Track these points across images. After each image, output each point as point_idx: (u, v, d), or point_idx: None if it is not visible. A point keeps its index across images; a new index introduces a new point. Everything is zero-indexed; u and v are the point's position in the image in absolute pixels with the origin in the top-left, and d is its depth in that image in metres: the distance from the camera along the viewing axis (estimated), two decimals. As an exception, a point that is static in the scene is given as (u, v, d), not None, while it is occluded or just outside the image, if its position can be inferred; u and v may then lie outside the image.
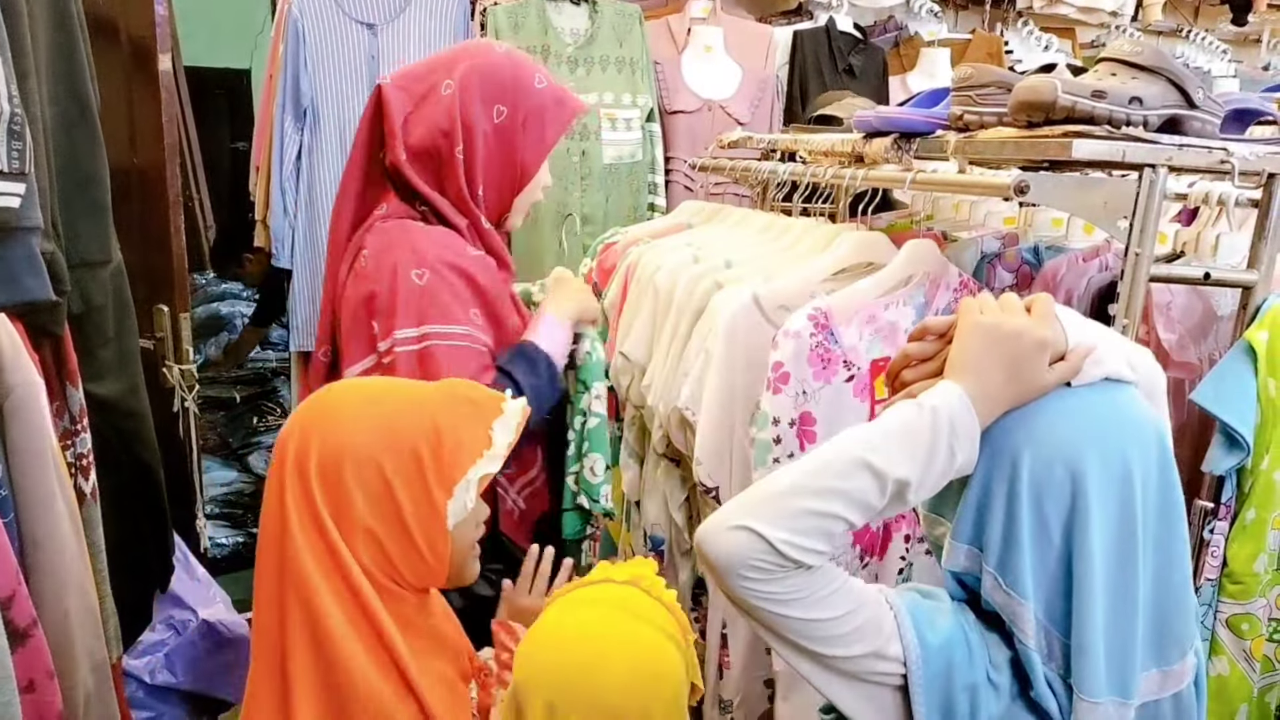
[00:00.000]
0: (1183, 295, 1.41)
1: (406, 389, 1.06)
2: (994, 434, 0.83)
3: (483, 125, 1.39)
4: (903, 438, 0.80)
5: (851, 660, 0.81)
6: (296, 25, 2.44)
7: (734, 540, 0.79)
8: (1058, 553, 0.81)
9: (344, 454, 0.96)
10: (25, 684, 1.15)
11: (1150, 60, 1.22)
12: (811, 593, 0.80)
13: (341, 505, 0.95)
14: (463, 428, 1.01)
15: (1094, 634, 0.80)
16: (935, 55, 3.14)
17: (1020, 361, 0.82)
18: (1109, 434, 0.83)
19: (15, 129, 1.00)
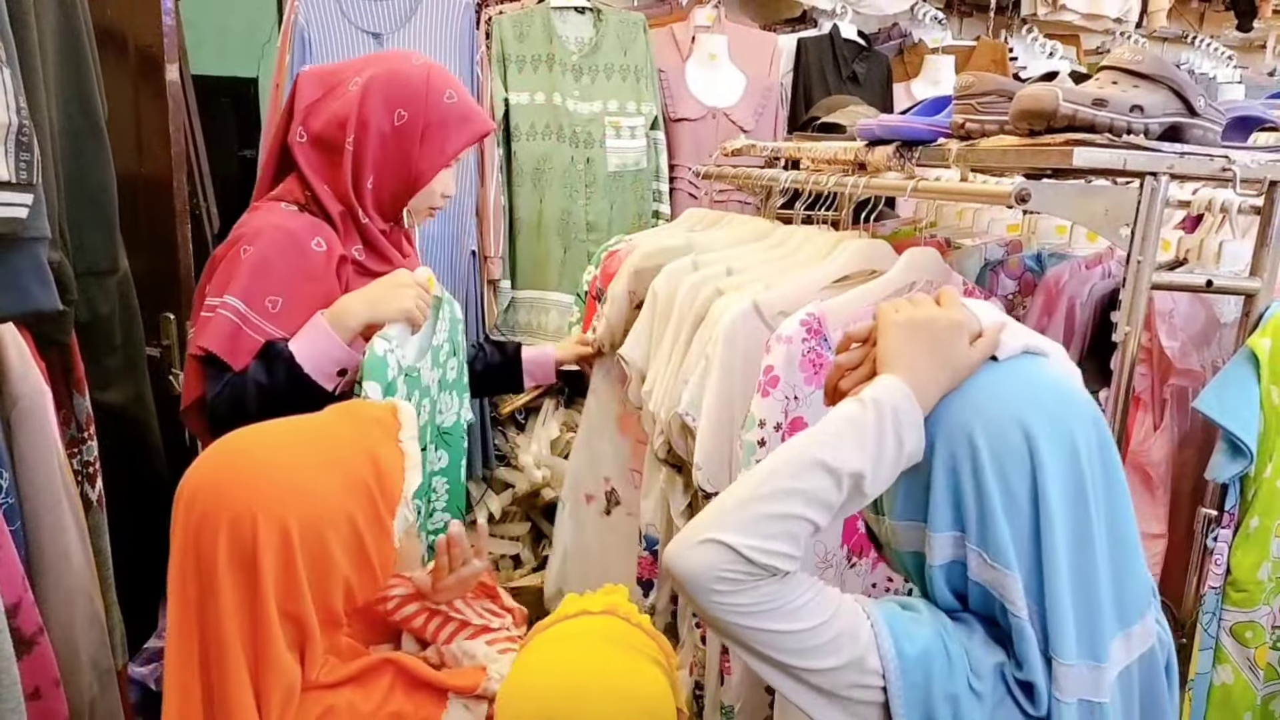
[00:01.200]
0: (1185, 303, 1.41)
1: (322, 428, 1.05)
2: (943, 419, 0.86)
3: (380, 124, 1.44)
4: (851, 432, 0.82)
5: (828, 674, 0.81)
6: (303, 34, 2.46)
7: (702, 554, 0.79)
8: (1026, 518, 0.83)
9: (324, 518, 0.95)
10: (31, 691, 1.16)
11: (1151, 68, 1.22)
12: (785, 602, 0.80)
13: (327, 569, 0.95)
14: (386, 450, 1.04)
15: (1063, 595, 0.82)
16: (940, 62, 3.15)
17: (942, 344, 0.86)
18: (1047, 396, 0.86)
19: (23, 140, 1.01)
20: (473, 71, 2.59)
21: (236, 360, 1.36)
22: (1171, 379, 1.42)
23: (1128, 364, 1.24)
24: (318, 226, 1.45)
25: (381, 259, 1.52)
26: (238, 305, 1.37)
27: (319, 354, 1.37)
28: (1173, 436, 1.44)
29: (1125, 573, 0.87)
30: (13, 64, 1.00)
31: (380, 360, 1.36)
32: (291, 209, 1.46)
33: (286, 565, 0.93)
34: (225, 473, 0.97)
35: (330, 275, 1.45)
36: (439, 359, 1.59)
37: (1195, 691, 1.33)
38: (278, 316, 1.39)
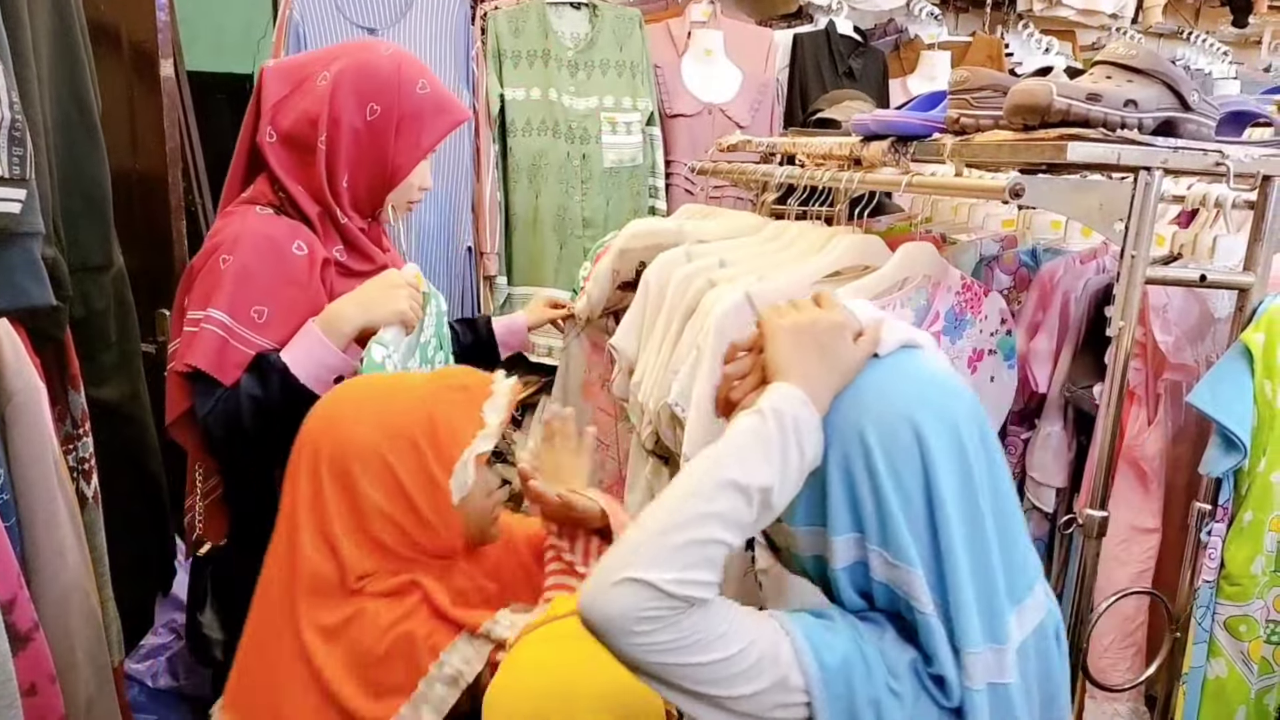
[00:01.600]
0: (1180, 297, 1.42)
1: (403, 385, 1.18)
2: (834, 422, 0.85)
3: (352, 120, 1.40)
4: (755, 446, 0.81)
5: (755, 698, 0.79)
6: (298, 29, 2.45)
7: (619, 596, 0.76)
8: (922, 513, 0.83)
9: (350, 452, 1.09)
10: (27, 687, 1.16)
11: (1145, 63, 1.22)
12: (707, 632, 0.78)
13: (355, 497, 1.08)
14: (455, 415, 1.12)
15: (964, 586, 0.82)
16: (935, 58, 3.15)
17: (827, 346, 0.86)
18: (930, 390, 0.87)
19: (16, 135, 1.01)
20: (468, 66, 2.59)
21: (226, 375, 1.32)
22: (1166, 373, 1.43)
23: (1122, 359, 1.25)
24: (296, 229, 1.41)
25: (363, 258, 1.49)
26: (222, 318, 1.34)
27: (314, 362, 1.34)
28: (1167, 431, 1.44)
29: (1012, 549, 0.87)
30: (5, 59, 1.00)
31: (379, 367, 1.35)
32: (267, 212, 1.42)
33: (313, 481, 1.10)
34: (321, 404, 1.17)
35: (314, 279, 1.41)
36: (427, 355, 1.57)
37: (1189, 685, 1.34)
38: (264, 326, 1.36)
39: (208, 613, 1.47)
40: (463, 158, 2.59)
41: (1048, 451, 1.57)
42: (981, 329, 1.50)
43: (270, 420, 1.32)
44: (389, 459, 1.08)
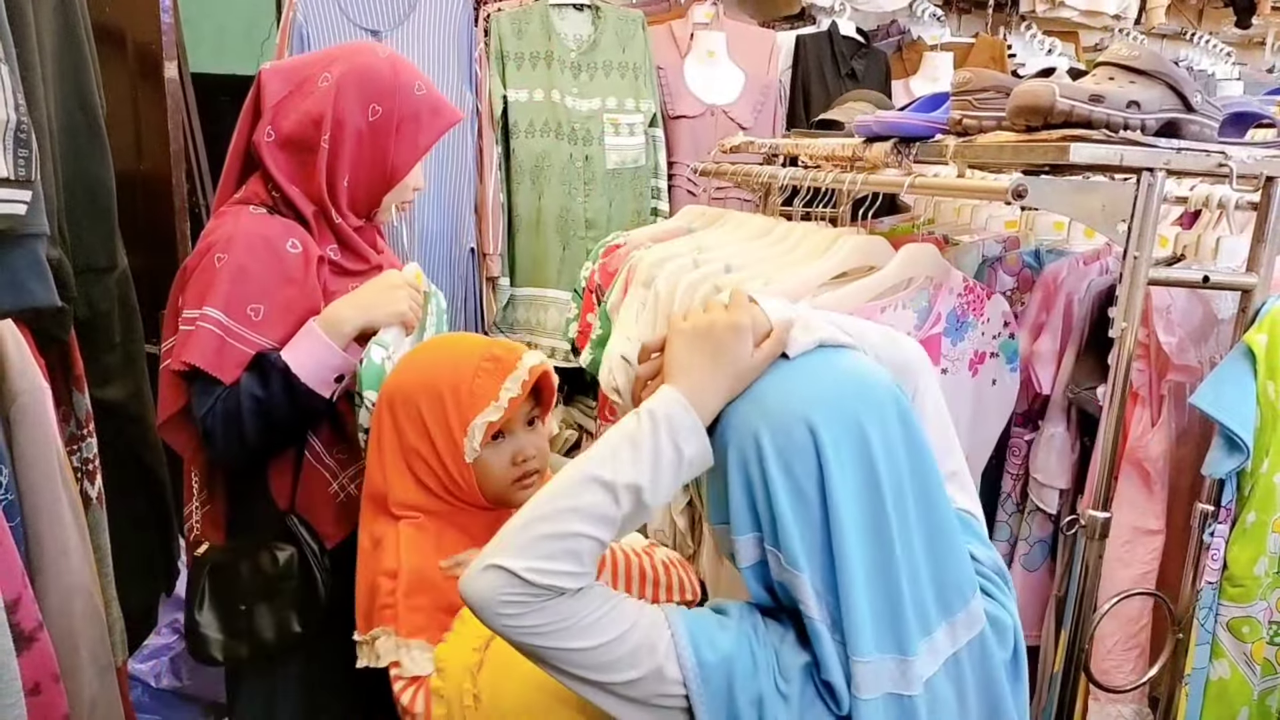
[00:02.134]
0: (1183, 298, 1.42)
1: (454, 346, 1.29)
2: (730, 421, 0.86)
3: (356, 121, 1.41)
4: (625, 446, 0.83)
5: (632, 685, 0.81)
6: (302, 31, 2.46)
7: (484, 581, 0.81)
8: (817, 516, 0.82)
9: (398, 392, 1.23)
10: (31, 687, 1.16)
11: (1148, 64, 1.22)
12: (576, 620, 0.80)
13: (397, 432, 1.22)
14: (481, 380, 1.20)
15: (857, 593, 0.81)
16: (938, 59, 3.15)
17: (721, 349, 0.86)
18: (830, 389, 0.85)
19: (22, 136, 1.01)
20: (471, 68, 2.60)
21: (225, 374, 1.32)
22: (1169, 374, 1.43)
23: (1125, 359, 1.25)
24: (290, 228, 1.41)
25: (358, 258, 1.49)
26: (219, 316, 1.33)
27: (316, 363, 1.34)
28: (1170, 432, 1.44)
29: (944, 560, 0.86)
30: (11, 61, 1.00)
31: (379, 369, 1.35)
32: (260, 212, 1.42)
33: (377, 411, 1.25)
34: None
35: (310, 276, 1.41)
36: None
37: (1192, 686, 1.34)
38: (260, 325, 1.35)
39: (205, 612, 1.48)
40: (466, 159, 2.60)
41: (1051, 452, 1.57)
42: (984, 331, 1.50)
43: (270, 420, 1.33)
44: (420, 405, 1.20)
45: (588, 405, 2.79)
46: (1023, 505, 1.64)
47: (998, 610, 0.90)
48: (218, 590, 1.47)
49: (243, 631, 1.41)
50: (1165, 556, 1.47)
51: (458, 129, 2.55)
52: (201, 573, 1.47)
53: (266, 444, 1.36)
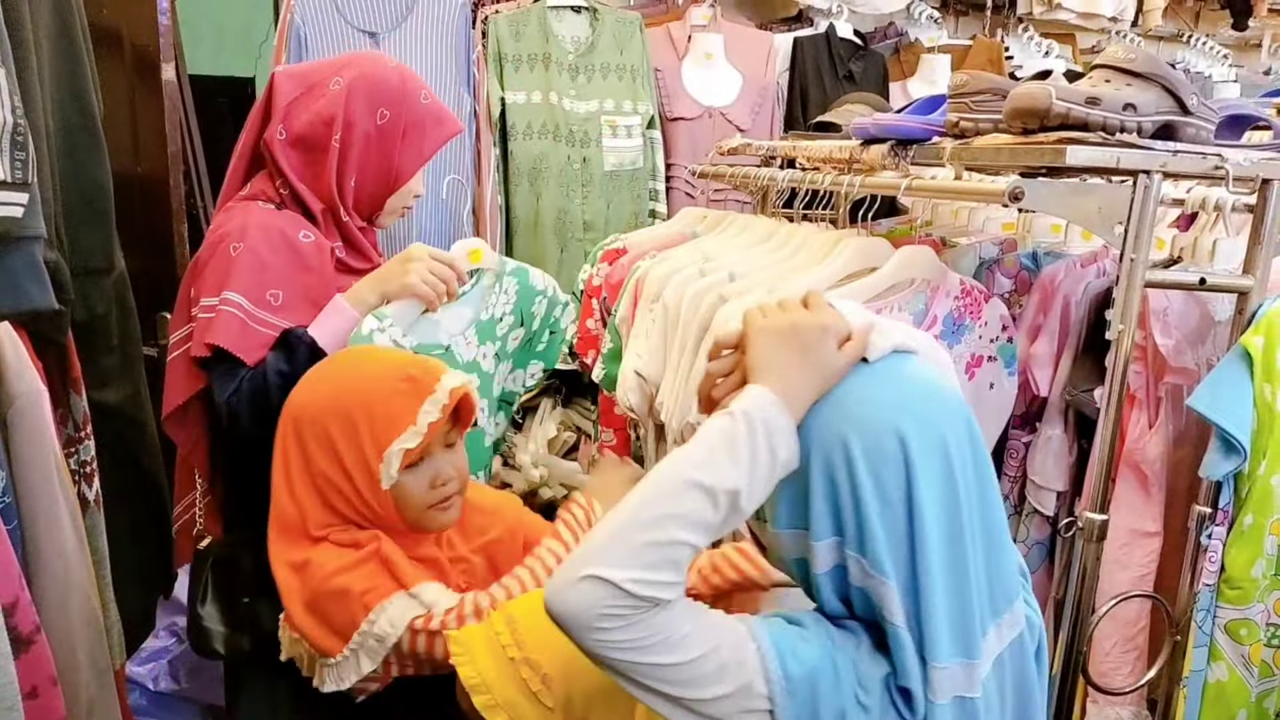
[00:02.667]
0: (1179, 300, 1.42)
1: (366, 362, 1.22)
2: (815, 427, 0.84)
3: (365, 124, 1.46)
4: (723, 448, 0.80)
5: (718, 702, 0.79)
6: (299, 33, 2.46)
7: (581, 593, 0.77)
8: (902, 522, 0.82)
9: (304, 415, 1.15)
10: (28, 691, 1.16)
11: (1144, 67, 1.22)
12: (670, 633, 0.78)
13: (305, 456, 1.14)
14: (396, 404, 1.13)
15: (936, 597, 0.81)
16: (936, 61, 3.15)
17: (809, 349, 0.85)
18: (915, 398, 0.85)
19: (19, 139, 1.01)
20: (469, 70, 2.60)
21: (248, 355, 1.35)
22: (1166, 377, 1.43)
23: (1122, 362, 1.25)
24: (299, 222, 1.45)
25: (362, 256, 1.53)
26: (240, 301, 1.37)
27: (339, 332, 1.39)
28: (1167, 434, 1.44)
29: (996, 562, 0.86)
30: (8, 63, 1.01)
31: (363, 339, 1.37)
32: (269, 207, 1.46)
33: (283, 435, 1.17)
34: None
35: (324, 263, 1.45)
36: (494, 333, 1.61)
37: (1190, 689, 1.34)
38: (280, 309, 1.39)
39: (208, 605, 1.48)
40: (464, 161, 2.60)
41: (1049, 455, 1.57)
42: (981, 334, 1.50)
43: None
44: (331, 430, 1.13)
45: (585, 408, 2.79)
46: (1020, 508, 1.64)
47: (1029, 610, 0.92)
48: (220, 583, 1.48)
49: (245, 624, 1.42)
50: (1163, 559, 1.47)
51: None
52: (204, 566, 1.47)
53: None
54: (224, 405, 1.36)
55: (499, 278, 1.61)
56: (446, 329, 1.52)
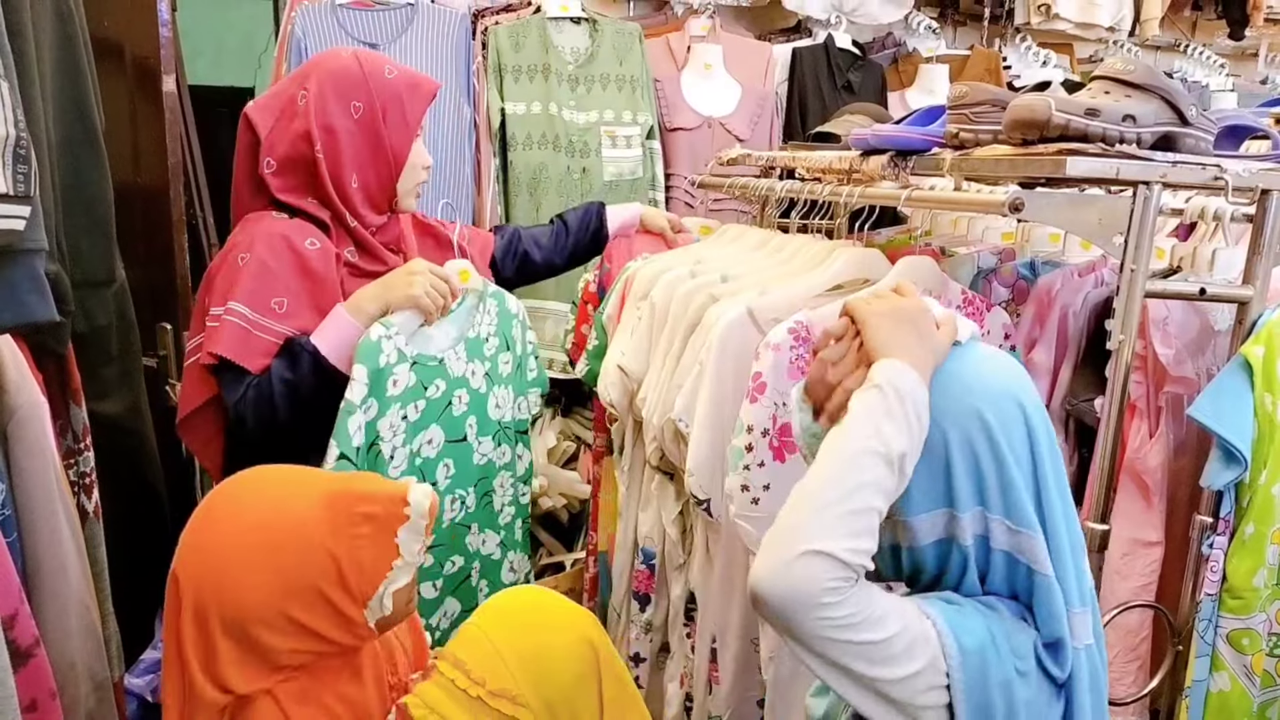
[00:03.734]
0: (1179, 310, 1.42)
1: (290, 521, 1.01)
2: (943, 404, 0.89)
3: (342, 123, 1.47)
4: (885, 417, 0.85)
5: (911, 680, 0.82)
6: (300, 44, 2.46)
7: (803, 570, 0.78)
8: (1030, 481, 0.89)
9: (250, 616, 0.97)
10: (28, 704, 1.16)
11: (1143, 78, 1.23)
12: (872, 609, 0.81)
13: (261, 650, 0.98)
14: (364, 553, 1.01)
15: (1064, 547, 0.89)
16: (934, 71, 3.16)
17: (921, 328, 0.92)
18: (1012, 368, 0.95)
19: (21, 152, 1.01)
20: (469, 81, 2.60)
21: (252, 363, 1.39)
22: (1166, 386, 1.43)
23: (1122, 372, 1.25)
24: (307, 229, 1.47)
25: (375, 259, 1.55)
26: (244, 310, 1.40)
27: (341, 342, 1.41)
28: (1168, 444, 1.44)
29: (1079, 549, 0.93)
30: (10, 77, 1.01)
31: (373, 345, 1.40)
32: (282, 216, 1.48)
33: (204, 634, 0.98)
34: (195, 528, 1.03)
35: (330, 270, 1.47)
36: (482, 352, 1.64)
37: (1192, 699, 1.33)
38: (285, 316, 1.42)
39: None
40: (464, 172, 2.60)
41: (1049, 464, 1.57)
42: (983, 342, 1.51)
43: (300, 400, 1.39)
44: (297, 615, 0.98)
45: (585, 417, 2.79)
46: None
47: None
48: None
49: None
50: (1165, 568, 1.46)
51: (455, 142, 2.57)
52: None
53: (297, 424, 1.41)
54: (232, 411, 1.40)
55: (482, 298, 1.64)
56: (438, 344, 1.54)
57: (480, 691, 0.96)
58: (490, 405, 1.66)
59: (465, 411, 1.61)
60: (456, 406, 1.59)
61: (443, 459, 1.59)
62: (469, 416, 1.62)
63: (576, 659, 0.98)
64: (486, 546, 1.69)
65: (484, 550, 1.69)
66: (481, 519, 1.68)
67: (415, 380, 1.50)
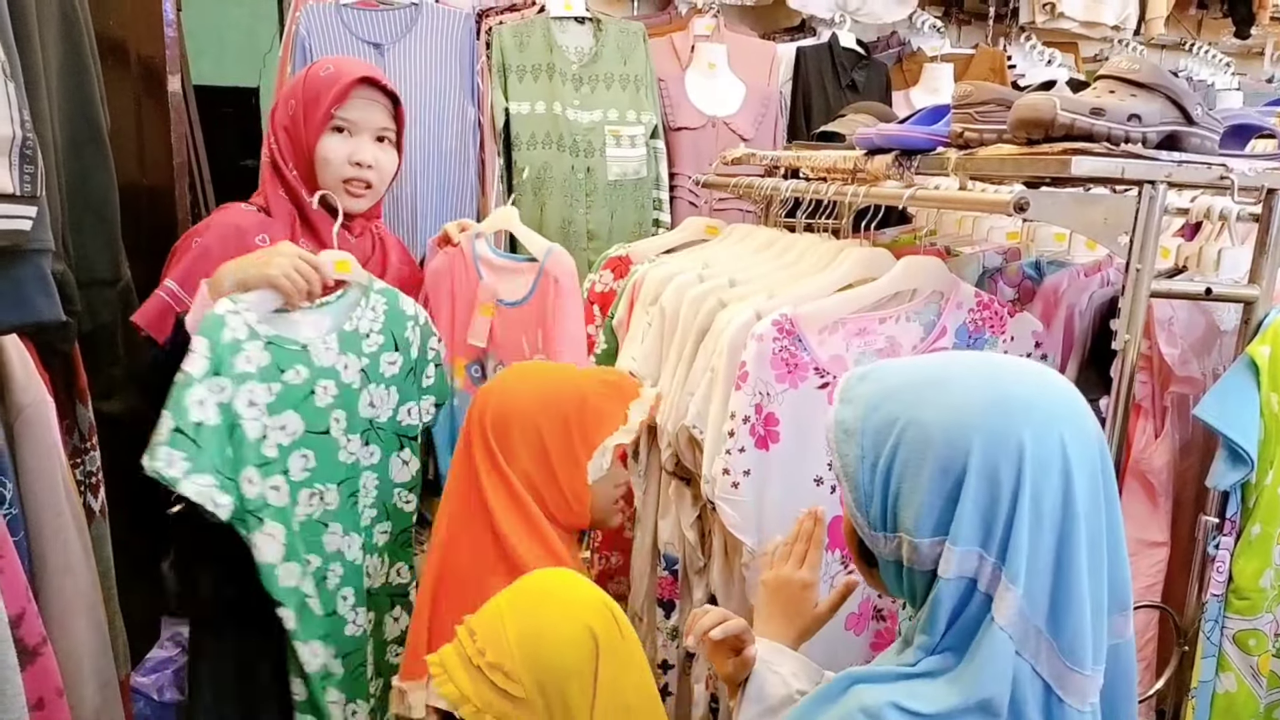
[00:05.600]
0: (1185, 310, 1.42)
1: (565, 370, 1.39)
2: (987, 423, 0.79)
3: (282, 121, 1.63)
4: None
5: None
6: (304, 44, 2.47)
7: None
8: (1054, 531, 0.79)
9: (511, 416, 1.27)
10: (35, 702, 1.16)
11: (1148, 77, 1.22)
12: None
13: (510, 454, 1.25)
14: (605, 403, 1.28)
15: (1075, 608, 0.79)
16: (938, 70, 3.16)
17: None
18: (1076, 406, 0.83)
19: (28, 153, 1.02)
20: (473, 81, 2.61)
21: (161, 335, 1.49)
22: (1172, 386, 1.43)
23: (1127, 372, 1.25)
24: (266, 225, 1.60)
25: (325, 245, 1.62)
26: (174, 288, 1.53)
27: (198, 316, 1.44)
28: (1174, 444, 1.44)
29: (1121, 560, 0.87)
30: (16, 77, 1.01)
31: (216, 319, 1.41)
32: (251, 208, 1.63)
33: (482, 438, 1.28)
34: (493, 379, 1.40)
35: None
36: (359, 347, 1.59)
37: (1198, 700, 1.33)
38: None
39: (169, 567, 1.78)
40: (468, 172, 2.61)
41: (1054, 464, 1.56)
42: (1006, 349, 1.47)
43: (164, 372, 1.41)
44: (541, 427, 1.25)
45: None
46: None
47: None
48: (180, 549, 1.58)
49: (190, 585, 1.57)
50: (1170, 569, 1.46)
51: (459, 142, 2.57)
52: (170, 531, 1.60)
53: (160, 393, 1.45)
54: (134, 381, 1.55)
55: (366, 293, 1.61)
56: (304, 331, 1.53)
57: (480, 661, 1.00)
58: (362, 402, 1.60)
59: (331, 404, 1.55)
60: (320, 397, 1.53)
61: (300, 448, 1.52)
62: (335, 410, 1.56)
63: (573, 647, 1.00)
64: (351, 551, 1.60)
65: (347, 554, 1.59)
66: (345, 520, 1.58)
67: (270, 360, 1.47)
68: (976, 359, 0.90)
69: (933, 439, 0.80)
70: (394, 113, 1.68)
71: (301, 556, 1.51)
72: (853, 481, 0.86)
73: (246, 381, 1.44)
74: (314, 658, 1.53)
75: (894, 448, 0.82)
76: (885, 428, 0.83)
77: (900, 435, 0.82)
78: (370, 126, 1.64)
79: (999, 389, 0.81)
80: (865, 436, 0.85)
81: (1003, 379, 0.83)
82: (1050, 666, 0.80)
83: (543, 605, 1.05)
